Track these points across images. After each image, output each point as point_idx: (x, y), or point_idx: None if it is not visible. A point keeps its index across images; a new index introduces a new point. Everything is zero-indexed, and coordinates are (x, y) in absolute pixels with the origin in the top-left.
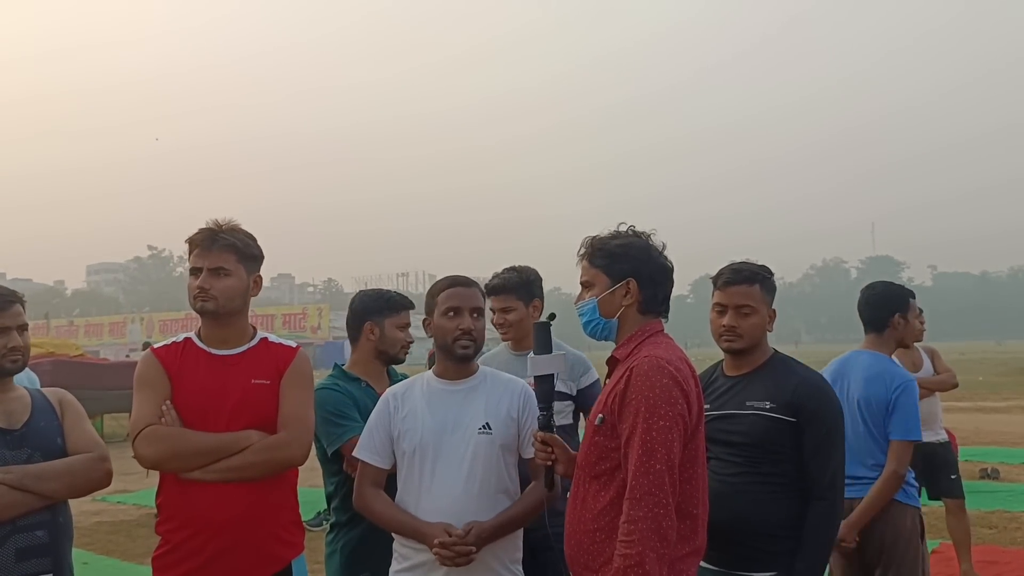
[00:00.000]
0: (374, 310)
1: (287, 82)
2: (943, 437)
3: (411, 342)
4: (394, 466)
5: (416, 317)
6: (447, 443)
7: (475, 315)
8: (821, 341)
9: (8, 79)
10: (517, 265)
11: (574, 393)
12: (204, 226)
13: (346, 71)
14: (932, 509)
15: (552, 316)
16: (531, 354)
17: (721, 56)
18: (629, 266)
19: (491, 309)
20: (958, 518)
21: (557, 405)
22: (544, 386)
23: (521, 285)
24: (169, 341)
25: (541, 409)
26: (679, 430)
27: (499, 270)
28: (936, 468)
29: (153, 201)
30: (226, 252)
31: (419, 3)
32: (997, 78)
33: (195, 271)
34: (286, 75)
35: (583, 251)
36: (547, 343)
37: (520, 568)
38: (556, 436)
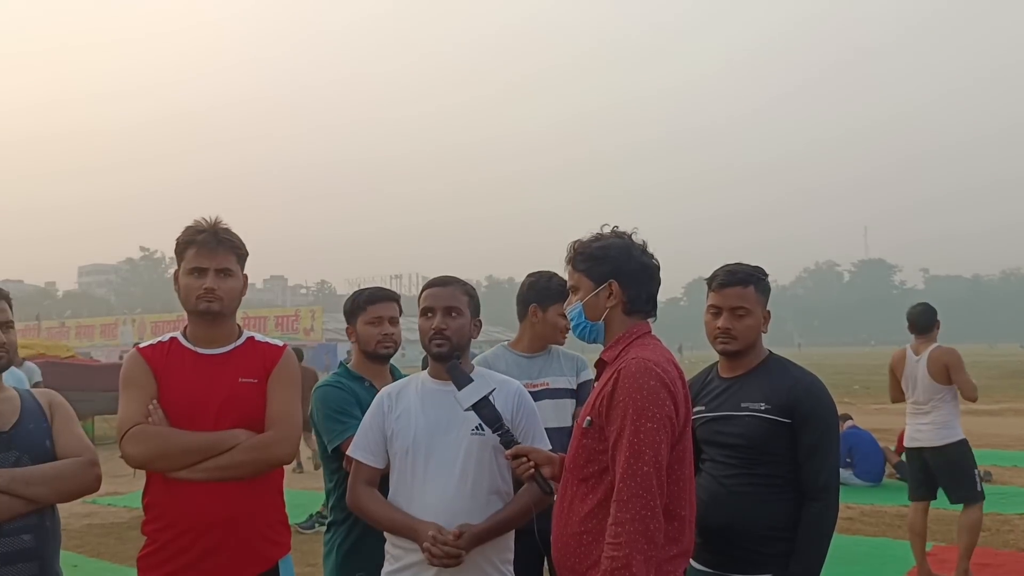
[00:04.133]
0: (349, 312)
1: (291, 87)
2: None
3: (388, 334)
4: (387, 466)
5: (405, 319)
6: (440, 443)
7: (451, 314)
8: (813, 344)
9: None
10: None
11: (575, 387)
12: (197, 225)
13: (352, 75)
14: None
15: (457, 357)
16: (455, 392)
17: (726, 58)
18: (610, 267)
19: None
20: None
21: (565, 403)
22: (484, 411)
23: None
24: (155, 341)
25: (495, 431)
26: (667, 432)
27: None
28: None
29: (145, 202)
30: (229, 253)
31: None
32: (995, 81)
33: (198, 271)
34: (291, 80)
35: (567, 255)
36: (463, 376)
37: (511, 568)
38: (522, 445)
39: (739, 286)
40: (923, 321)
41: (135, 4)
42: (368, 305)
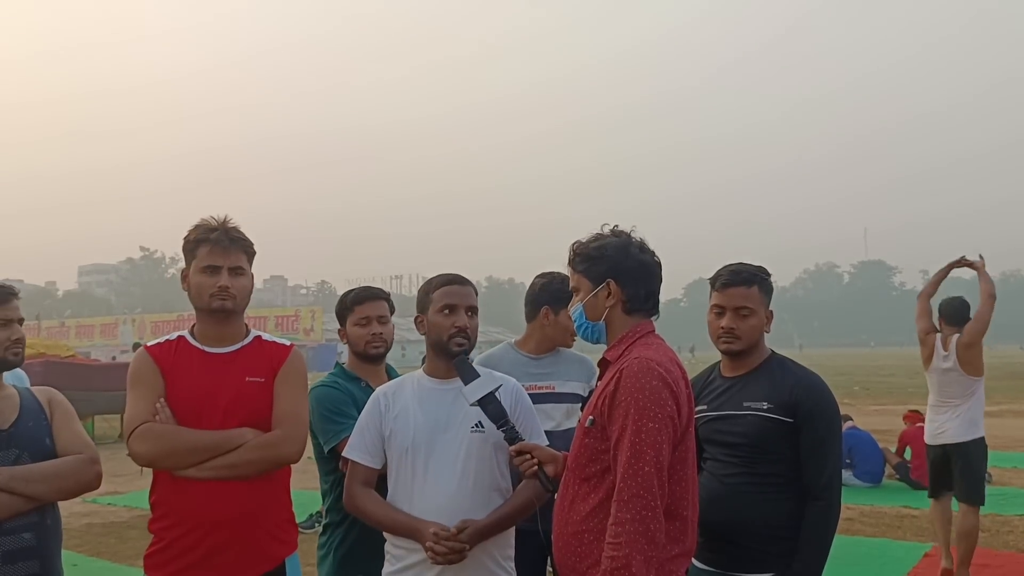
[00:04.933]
0: (339, 314)
1: (288, 83)
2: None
3: (376, 333)
4: (384, 466)
5: (404, 319)
6: (440, 441)
7: (469, 313)
8: (812, 345)
9: (9, 80)
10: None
11: (587, 395)
12: (207, 223)
13: (350, 72)
14: (925, 511)
15: (467, 352)
16: (462, 386)
17: (727, 59)
18: (607, 266)
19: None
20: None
21: (568, 408)
22: (490, 407)
23: None
24: (163, 339)
25: (499, 427)
26: (668, 432)
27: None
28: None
29: (146, 202)
30: (241, 252)
31: (426, 2)
32: (1000, 89)
33: (211, 269)
34: (288, 76)
35: (568, 257)
36: (470, 371)
37: (512, 565)
38: (527, 442)
39: (743, 286)
40: (962, 314)
41: (125, 5)
42: (355, 305)
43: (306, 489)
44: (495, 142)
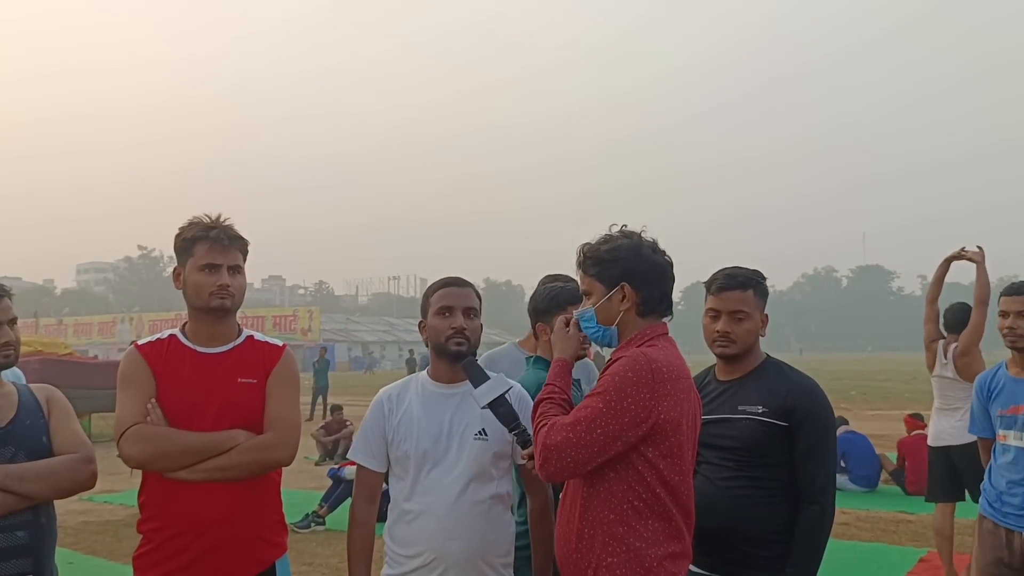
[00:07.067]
0: (543, 311)
1: (293, 105)
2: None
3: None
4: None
5: (402, 320)
6: (442, 448)
7: (469, 315)
8: (810, 350)
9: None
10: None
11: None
12: (202, 221)
13: (356, 98)
14: (921, 517)
15: (473, 353)
16: (471, 389)
17: (717, 54)
18: (620, 270)
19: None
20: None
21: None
22: (501, 409)
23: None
24: (153, 338)
25: (511, 430)
26: (628, 419)
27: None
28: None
29: (143, 202)
30: (238, 250)
31: (435, 40)
32: (992, 91)
33: (211, 267)
34: (293, 98)
35: (577, 260)
36: (480, 374)
37: (511, 571)
38: None
39: (738, 290)
40: (960, 320)
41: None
42: (557, 309)
43: (302, 489)
44: (499, 166)
